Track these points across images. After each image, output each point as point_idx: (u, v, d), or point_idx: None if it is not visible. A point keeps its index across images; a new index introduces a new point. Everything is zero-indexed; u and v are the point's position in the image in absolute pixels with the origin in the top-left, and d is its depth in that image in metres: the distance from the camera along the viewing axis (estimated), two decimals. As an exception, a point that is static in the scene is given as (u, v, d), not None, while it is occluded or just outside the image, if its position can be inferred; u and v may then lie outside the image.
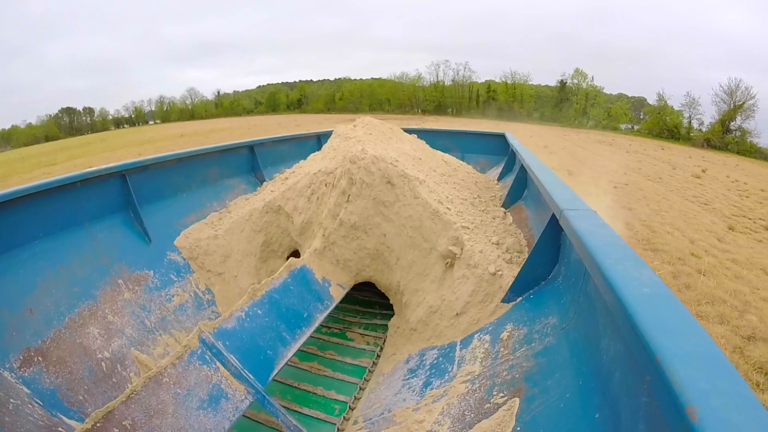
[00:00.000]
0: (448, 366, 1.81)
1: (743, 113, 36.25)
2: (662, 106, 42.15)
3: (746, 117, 36.05)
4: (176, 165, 3.17)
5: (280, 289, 2.23)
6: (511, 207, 2.79)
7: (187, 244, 2.90)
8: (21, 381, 1.64)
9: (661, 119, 41.27)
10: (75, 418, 1.68)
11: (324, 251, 2.61)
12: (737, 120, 36.46)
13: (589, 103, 48.43)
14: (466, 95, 56.49)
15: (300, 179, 3.07)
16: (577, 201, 1.53)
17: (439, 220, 2.37)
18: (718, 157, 27.24)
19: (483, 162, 4.95)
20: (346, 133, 3.28)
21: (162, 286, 2.58)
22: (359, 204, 2.51)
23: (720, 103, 37.94)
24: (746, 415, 0.54)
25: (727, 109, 37.13)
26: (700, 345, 0.67)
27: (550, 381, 1.18)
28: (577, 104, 49.10)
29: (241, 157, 3.98)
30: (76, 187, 2.34)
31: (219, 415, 1.63)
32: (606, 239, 1.12)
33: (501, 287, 1.92)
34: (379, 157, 2.53)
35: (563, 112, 50.22)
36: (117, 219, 2.62)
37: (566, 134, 32.53)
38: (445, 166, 3.51)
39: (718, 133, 36.41)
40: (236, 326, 1.91)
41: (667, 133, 40.26)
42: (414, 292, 2.41)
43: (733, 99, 37.16)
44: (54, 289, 2.02)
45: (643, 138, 38.31)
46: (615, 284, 0.87)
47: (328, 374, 2.39)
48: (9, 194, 1.94)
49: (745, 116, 36.10)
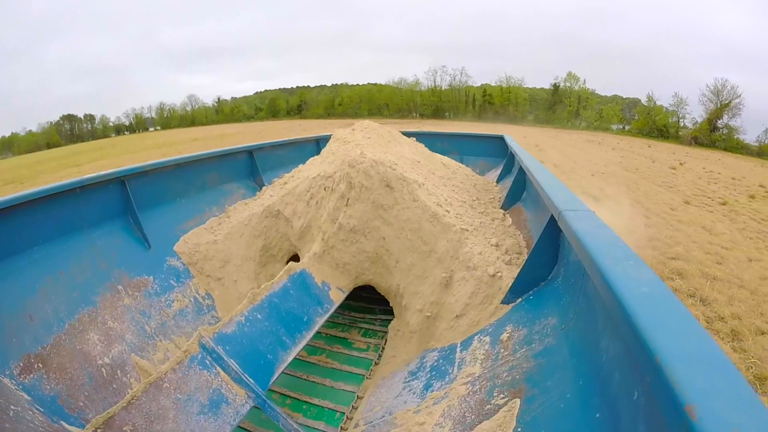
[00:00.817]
0: (449, 368, 1.81)
1: (730, 112, 37.98)
2: (651, 106, 44.02)
3: (733, 115, 37.84)
4: (175, 170, 3.17)
5: (280, 294, 2.23)
6: (510, 209, 2.80)
7: (187, 249, 2.90)
8: (21, 387, 1.64)
9: (650, 119, 43.09)
10: (76, 424, 1.67)
11: (323, 255, 2.61)
12: (724, 118, 38.19)
13: (581, 105, 50.28)
14: (463, 99, 57.92)
15: (299, 183, 3.08)
16: (576, 202, 1.53)
17: (438, 223, 2.37)
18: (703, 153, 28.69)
19: (482, 164, 4.96)
20: (345, 137, 3.29)
21: (162, 292, 2.57)
22: (358, 208, 2.52)
23: (707, 102, 39.86)
24: (746, 414, 0.54)
25: (714, 108, 38.89)
26: (700, 345, 0.68)
27: (550, 381, 1.18)
28: (569, 106, 50.85)
29: (240, 162, 3.99)
30: (76, 193, 2.34)
31: (220, 419, 1.62)
32: (605, 240, 1.13)
33: (500, 289, 1.92)
34: (378, 160, 2.54)
35: (556, 114, 51.66)
36: (116, 225, 2.62)
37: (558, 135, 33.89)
38: (443, 169, 3.52)
39: (706, 131, 38.21)
40: (236, 331, 1.91)
41: (657, 132, 41.97)
42: (413, 294, 2.41)
43: (719, 98, 38.99)
44: (54, 295, 2.02)
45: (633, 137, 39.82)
46: (614, 285, 0.87)
47: (328, 377, 2.38)
48: (8, 201, 1.94)
49: (732, 114, 37.89)
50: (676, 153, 25.55)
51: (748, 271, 5.72)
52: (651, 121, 42.95)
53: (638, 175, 14.17)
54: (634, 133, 43.34)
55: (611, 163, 17.06)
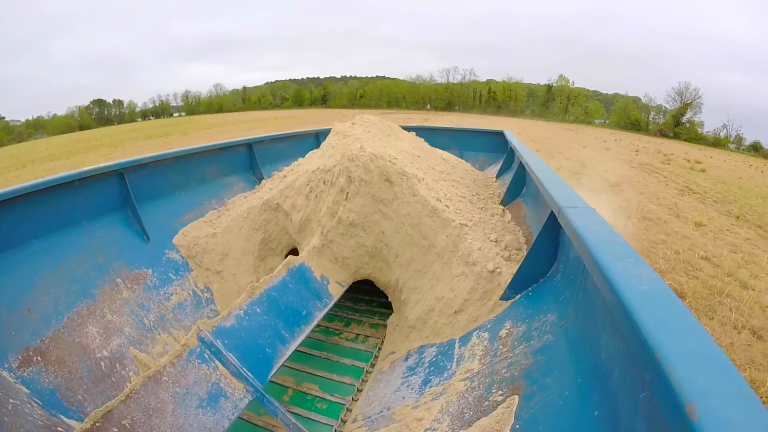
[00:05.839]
0: (447, 364, 1.81)
1: (693, 109, 49.05)
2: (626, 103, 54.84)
3: (695, 112, 49.16)
4: (174, 163, 3.15)
5: (279, 287, 2.23)
6: (510, 204, 2.79)
7: (186, 242, 2.89)
8: (20, 381, 1.64)
9: (625, 114, 53.27)
10: (74, 417, 1.67)
11: (322, 249, 2.61)
12: (687, 114, 49.04)
13: (570, 102, 61.56)
14: (471, 95, 68.95)
15: (298, 177, 3.06)
16: (576, 198, 1.53)
17: (437, 218, 2.36)
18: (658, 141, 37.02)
19: (482, 160, 4.94)
20: (345, 130, 3.26)
21: (161, 285, 2.57)
22: (358, 202, 2.51)
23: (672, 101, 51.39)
24: (745, 413, 0.54)
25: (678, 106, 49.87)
26: (700, 343, 0.67)
27: (549, 378, 1.18)
28: (560, 103, 62.14)
29: (239, 155, 3.96)
30: (74, 185, 2.33)
31: (218, 413, 1.63)
32: (605, 237, 1.12)
33: (500, 285, 1.92)
34: (378, 154, 2.53)
35: (549, 109, 62.49)
36: (115, 217, 2.61)
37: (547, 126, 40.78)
38: (443, 164, 3.50)
39: (670, 125, 48.84)
40: (235, 325, 1.91)
41: (630, 125, 51.61)
42: (412, 289, 2.41)
43: (682, 98, 50.41)
44: (52, 288, 2.02)
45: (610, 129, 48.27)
46: (614, 282, 0.87)
47: (326, 372, 2.39)
48: (7, 193, 1.93)
49: (695, 112, 49.11)
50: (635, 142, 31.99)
51: (604, 164, 13.93)
52: (626, 116, 52.80)
53: (587, 148, 21.51)
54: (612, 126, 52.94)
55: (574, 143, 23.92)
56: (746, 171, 22.25)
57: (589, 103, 59.08)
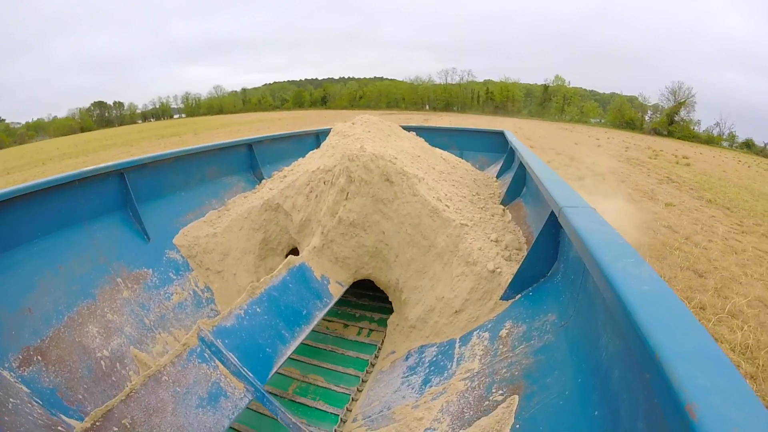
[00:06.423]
0: (448, 363, 1.81)
1: (686, 108, 48.82)
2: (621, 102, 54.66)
3: (689, 111, 48.82)
4: (174, 163, 3.15)
5: (279, 287, 2.23)
6: (510, 204, 2.79)
7: (186, 242, 2.89)
8: (20, 380, 1.64)
9: (620, 114, 53.07)
10: (75, 416, 1.67)
11: (323, 249, 2.61)
12: (681, 113, 48.80)
13: (566, 102, 61.51)
14: (469, 95, 68.43)
15: (299, 177, 3.06)
16: (576, 198, 1.53)
17: (437, 218, 2.36)
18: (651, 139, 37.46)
19: (482, 159, 4.94)
20: (345, 130, 3.26)
21: (161, 285, 2.57)
22: (358, 202, 2.51)
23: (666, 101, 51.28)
24: (745, 412, 0.54)
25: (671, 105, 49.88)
26: (700, 342, 0.67)
27: (549, 378, 1.18)
28: (556, 103, 62.09)
29: (239, 155, 3.97)
30: (75, 186, 2.33)
31: (218, 413, 1.63)
32: (605, 236, 1.12)
33: (500, 284, 1.92)
34: (378, 154, 2.53)
35: (546, 109, 62.32)
36: (115, 218, 2.61)
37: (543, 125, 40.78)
38: (443, 164, 3.50)
39: (664, 123, 48.76)
40: (235, 324, 1.91)
41: (625, 124, 51.46)
42: (413, 289, 2.41)
43: (675, 97, 50.41)
44: (53, 288, 2.02)
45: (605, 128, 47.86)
46: (614, 281, 0.87)
47: (327, 372, 2.39)
48: (7, 193, 1.93)
49: (688, 110, 48.87)
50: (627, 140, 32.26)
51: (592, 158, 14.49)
52: (621, 115, 52.63)
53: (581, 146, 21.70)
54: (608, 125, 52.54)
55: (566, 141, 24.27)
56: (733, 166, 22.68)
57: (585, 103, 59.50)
